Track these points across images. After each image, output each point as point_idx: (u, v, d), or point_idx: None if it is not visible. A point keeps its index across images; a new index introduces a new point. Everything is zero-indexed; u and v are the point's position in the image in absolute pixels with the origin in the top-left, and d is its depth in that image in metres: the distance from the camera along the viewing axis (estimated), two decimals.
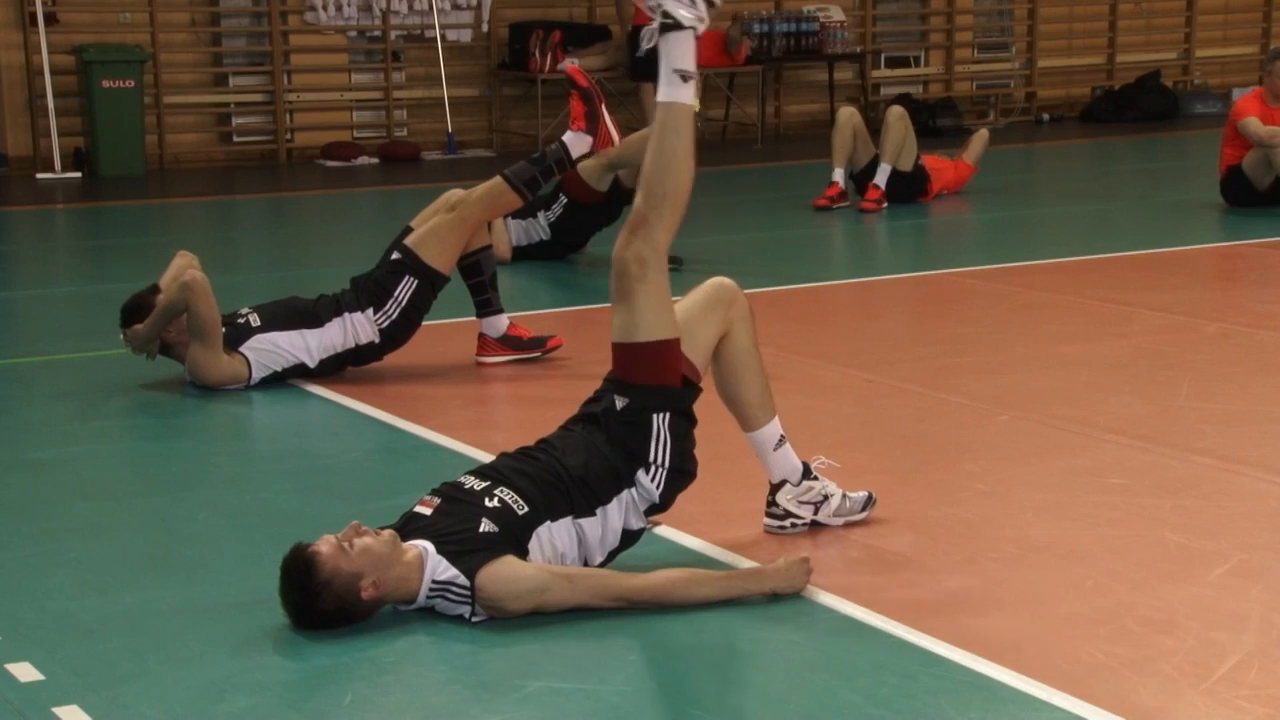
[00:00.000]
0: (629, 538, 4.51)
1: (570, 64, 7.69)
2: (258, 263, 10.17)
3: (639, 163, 9.28)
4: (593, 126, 6.99)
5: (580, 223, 9.47)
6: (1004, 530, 4.94)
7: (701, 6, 4.40)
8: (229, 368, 6.65)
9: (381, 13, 14.76)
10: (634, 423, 4.45)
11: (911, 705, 3.78)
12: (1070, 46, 17.93)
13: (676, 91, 4.41)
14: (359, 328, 6.80)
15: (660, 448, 4.46)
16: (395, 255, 6.87)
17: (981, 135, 12.38)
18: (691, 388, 4.54)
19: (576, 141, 7.02)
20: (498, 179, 6.99)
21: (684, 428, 4.50)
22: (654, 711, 3.77)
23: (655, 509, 4.53)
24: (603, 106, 7.04)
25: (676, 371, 4.49)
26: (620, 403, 4.46)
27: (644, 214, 4.41)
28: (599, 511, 4.43)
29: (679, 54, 4.40)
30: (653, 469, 4.46)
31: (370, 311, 6.81)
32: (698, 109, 9.01)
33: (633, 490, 4.46)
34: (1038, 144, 16.17)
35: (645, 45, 4.47)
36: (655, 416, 4.45)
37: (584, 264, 9.59)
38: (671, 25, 4.39)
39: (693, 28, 4.39)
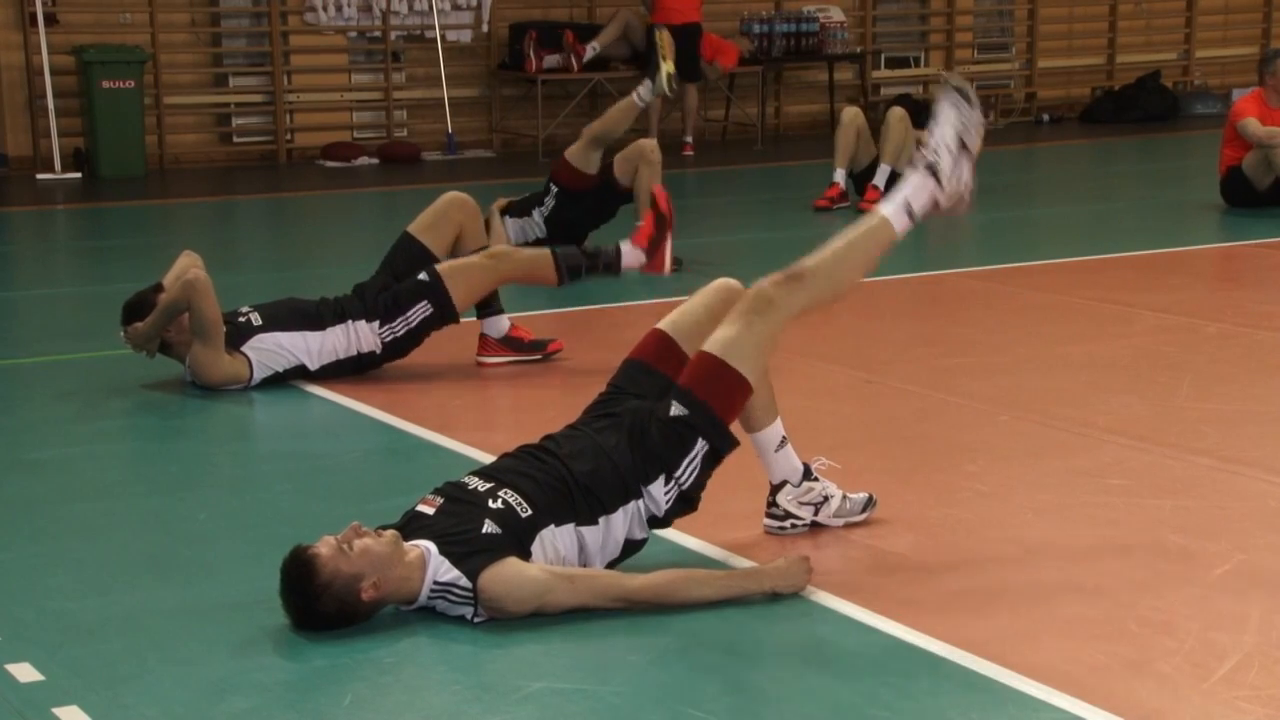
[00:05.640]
0: (630, 548, 4.51)
1: (657, 186, 7.72)
2: (258, 263, 10.17)
3: (619, 133, 9.45)
4: (653, 251, 7.01)
5: (574, 214, 9.43)
6: (1004, 530, 4.94)
7: (957, 184, 4.60)
8: (230, 367, 6.64)
9: (381, 13, 14.76)
10: (680, 435, 4.45)
11: (911, 705, 3.79)
12: (1070, 47, 17.93)
13: (898, 217, 4.61)
14: (362, 336, 6.79)
15: (689, 469, 4.47)
16: (423, 277, 6.79)
17: None
18: (733, 438, 4.57)
19: (631, 254, 7.02)
20: (546, 252, 6.95)
21: (711, 465, 4.52)
22: (654, 711, 3.77)
23: (656, 523, 4.53)
24: (669, 236, 7.06)
25: (735, 414, 4.55)
26: (677, 410, 4.46)
27: (806, 274, 4.52)
28: (602, 520, 4.42)
29: (920, 195, 4.60)
30: (671, 484, 4.46)
31: (376, 324, 6.78)
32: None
33: (640, 501, 4.46)
34: (1038, 144, 16.17)
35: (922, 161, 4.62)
36: (700, 441, 4.46)
37: None
38: (932, 170, 4.59)
39: (941, 186, 4.58)
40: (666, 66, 9.19)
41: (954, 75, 4.79)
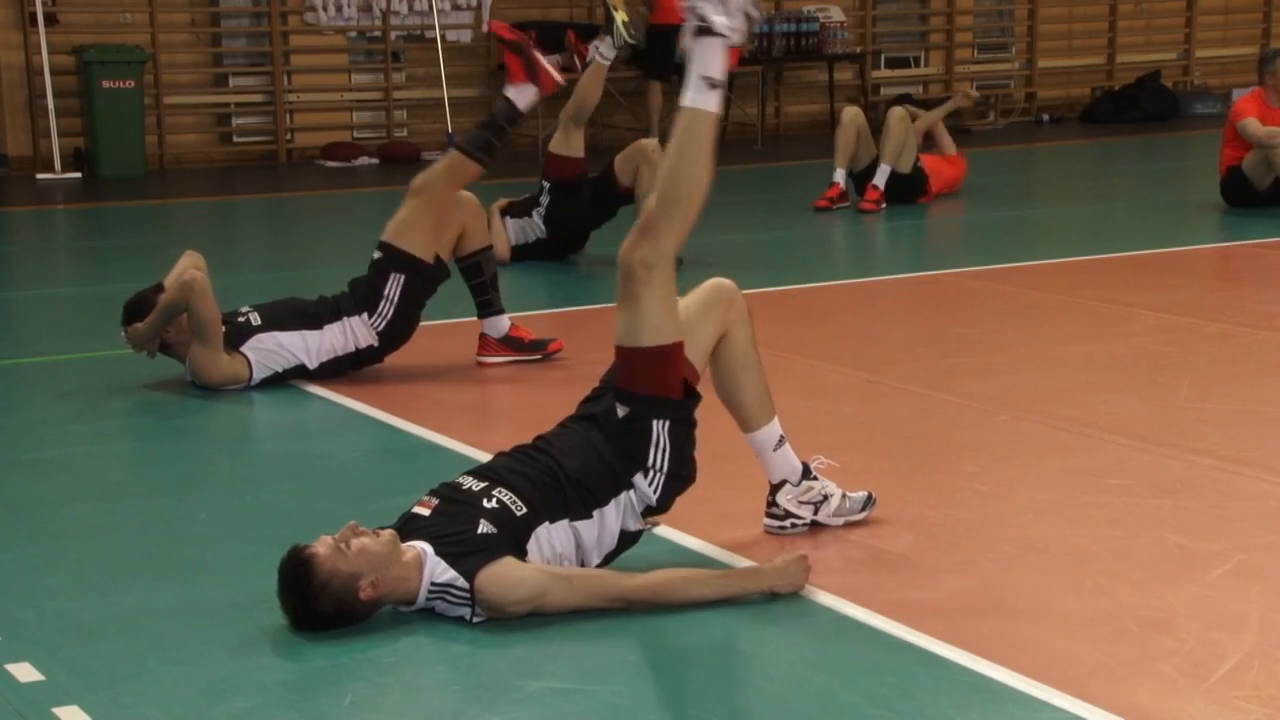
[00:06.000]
0: (626, 539, 4.50)
1: (494, 21, 7.69)
2: (258, 263, 10.18)
3: (593, 103, 9.38)
4: (532, 75, 7.00)
5: (572, 207, 9.39)
6: (1004, 530, 4.94)
7: (738, 17, 4.34)
8: (229, 367, 6.64)
9: (381, 13, 14.77)
10: (634, 430, 4.44)
11: (911, 705, 3.78)
12: (1070, 47, 17.94)
13: (702, 98, 4.34)
14: (357, 332, 6.79)
15: (659, 453, 4.45)
16: (377, 254, 6.83)
17: (934, 123, 12.21)
18: (692, 396, 4.53)
19: (520, 93, 7.02)
20: (453, 151, 6.99)
21: (684, 434, 4.49)
22: (654, 711, 3.77)
23: (653, 511, 4.53)
24: (536, 53, 7.03)
25: (678, 378, 4.47)
26: (621, 411, 4.45)
27: (654, 217, 4.36)
28: (595, 514, 4.42)
29: (708, 60, 4.34)
30: (651, 473, 4.45)
31: (365, 316, 6.78)
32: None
33: (630, 493, 4.45)
34: (1038, 144, 16.18)
35: (681, 47, 4.44)
36: (655, 423, 4.43)
37: (583, 264, 9.59)
38: (705, 30, 4.34)
39: (726, 36, 4.33)
40: (620, 16, 9.13)
41: None
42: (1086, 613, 4.30)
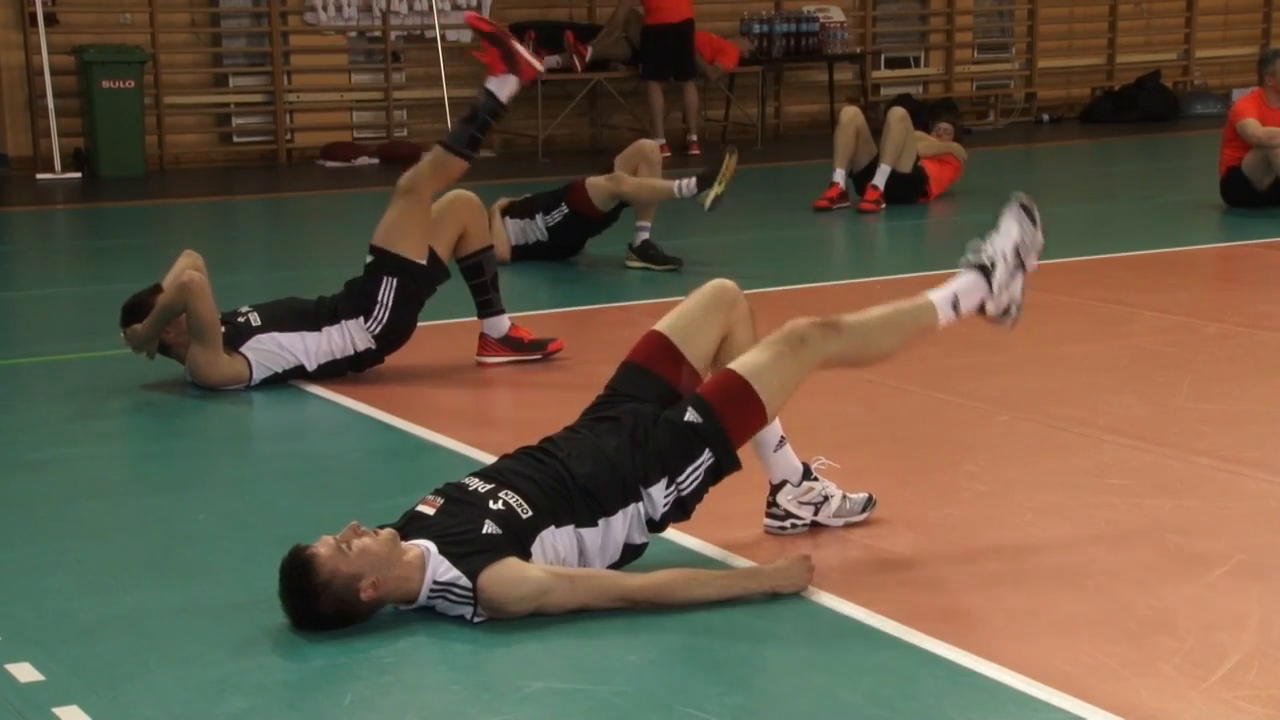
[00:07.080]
0: (630, 552, 4.50)
1: (468, 13, 7.66)
2: (258, 263, 10.18)
3: (646, 203, 9.32)
4: (512, 65, 6.97)
5: (579, 233, 9.48)
6: (1004, 530, 4.94)
7: (1004, 299, 4.68)
8: (229, 368, 6.64)
9: (381, 13, 14.76)
10: (689, 441, 4.45)
11: (911, 705, 3.78)
12: (1070, 47, 17.94)
13: (944, 308, 4.65)
14: (354, 336, 6.78)
15: (692, 477, 4.46)
16: (370, 258, 6.82)
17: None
18: (737, 459, 4.56)
19: (502, 85, 6.97)
20: (437, 148, 6.96)
21: (713, 479, 4.52)
22: (654, 711, 3.77)
23: (651, 526, 4.52)
24: (514, 42, 7.00)
25: (745, 438, 4.56)
26: (691, 416, 4.45)
27: (844, 327, 4.53)
28: (601, 522, 4.41)
29: (970, 296, 4.67)
30: (672, 489, 4.46)
31: (361, 320, 6.77)
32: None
33: (640, 504, 4.45)
34: (1038, 144, 16.18)
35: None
36: (708, 451, 4.46)
37: (583, 264, 9.58)
38: (985, 272, 4.67)
39: (993, 295, 4.66)
40: (717, 189, 9.15)
41: (1024, 194, 4.89)
42: (1086, 612, 4.30)
